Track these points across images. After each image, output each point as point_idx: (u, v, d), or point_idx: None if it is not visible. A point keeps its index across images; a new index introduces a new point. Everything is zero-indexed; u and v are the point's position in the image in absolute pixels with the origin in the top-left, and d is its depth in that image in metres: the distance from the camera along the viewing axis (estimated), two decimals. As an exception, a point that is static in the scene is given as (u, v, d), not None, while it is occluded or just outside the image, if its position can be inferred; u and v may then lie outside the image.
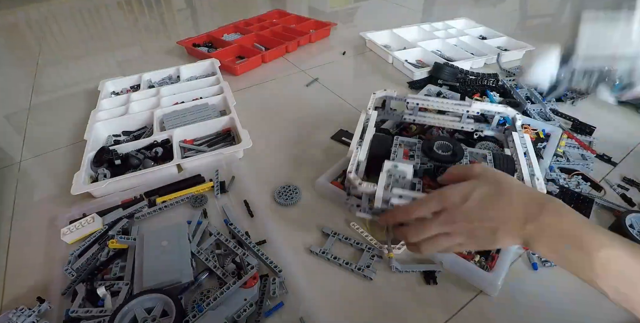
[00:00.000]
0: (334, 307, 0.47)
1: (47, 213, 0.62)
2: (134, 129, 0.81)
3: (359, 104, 0.88)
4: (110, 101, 0.88)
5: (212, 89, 0.90)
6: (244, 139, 0.70)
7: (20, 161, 0.77)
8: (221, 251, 0.53)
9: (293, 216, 0.60)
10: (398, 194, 0.45)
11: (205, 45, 1.20)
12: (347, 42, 1.21)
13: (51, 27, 1.60)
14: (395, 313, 0.47)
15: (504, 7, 1.61)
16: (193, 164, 0.68)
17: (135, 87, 0.98)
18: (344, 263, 0.51)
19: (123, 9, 1.79)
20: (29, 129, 0.88)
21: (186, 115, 0.79)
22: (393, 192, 0.45)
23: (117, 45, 1.37)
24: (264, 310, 0.46)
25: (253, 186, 0.64)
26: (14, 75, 1.21)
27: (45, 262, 0.55)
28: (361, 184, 0.48)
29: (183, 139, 0.75)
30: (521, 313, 0.46)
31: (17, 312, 0.45)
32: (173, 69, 1.01)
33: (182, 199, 0.62)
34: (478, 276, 0.48)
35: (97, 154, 0.69)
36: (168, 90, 0.91)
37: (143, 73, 0.98)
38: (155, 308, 0.43)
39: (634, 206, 0.60)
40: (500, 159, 0.56)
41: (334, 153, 0.73)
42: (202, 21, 1.61)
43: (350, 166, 0.51)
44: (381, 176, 0.48)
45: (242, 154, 0.72)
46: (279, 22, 1.29)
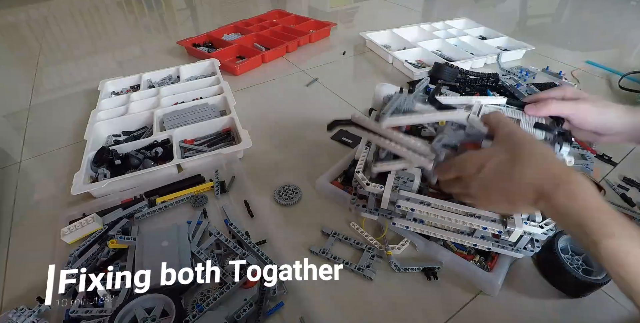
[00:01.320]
0: (333, 306, 0.47)
1: (47, 213, 0.62)
2: (134, 129, 0.81)
3: (358, 104, 0.88)
4: (111, 101, 0.88)
5: (212, 89, 0.90)
6: (244, 139, 0.70)
7: (20, 161, 0.77)
8: (221, 251, 0.53)
9: (293, 216, 0.60)
10: (405, 197, 0.45)
11: (205, 45, 1.19)
12: (347, 42, 1.21)
13: (51, 27, 1.60)
14: (395, 313, 0.47)
15: (504, 7, 1.61)
16: (193, 164, 0.68)
17: (136, 87, 0.98)
18: (344, 263, 0.51)
19: (123, 9, 1.79)
20: (29, 129, 0.88)
21: (186, 115, 0.79)
22: (400, 194, 0.45)
23: (117, 45, 1.37)
24: (264, 310, 0.46)
25: (253, 186, 0.64)
26: (14, 75, 1.21)
27: (45, 262, 0.54)
28: (369, 184, 0.47)
29: (183, 139, 0.75)
30: (521, 313, 0.46)
31: (17, 312, 0.45)
32: (173, 69, 1.01)
33: (182, 199, 0.62)
34: (478, 276, 0.48)
35: (97, 154, 0.69)
36: (168, 90, 0.91)
37: (143, 73, 0.98)
38: (155, 308, 0.43)
39: (634, 206, 0.60)
40: None
41: (334, 153, 0.73)
42: (202, 21, 1.62)
43: (359, 166, 0.51)
44: (389, 178, 0.47)
45: (242, 155, 0.72)
46: (279, 22, 1.29)
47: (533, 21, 1.43)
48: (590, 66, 1.01)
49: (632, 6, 1.46)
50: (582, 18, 1.39)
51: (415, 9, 1.59)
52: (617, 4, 1.49)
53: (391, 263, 0.51)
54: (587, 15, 1.40)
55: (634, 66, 0.95)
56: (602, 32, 1.22)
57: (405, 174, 0.47)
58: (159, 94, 0.88)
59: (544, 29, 1.34)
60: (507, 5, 1.63)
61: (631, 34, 1.22)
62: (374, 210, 0.51)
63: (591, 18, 1.37)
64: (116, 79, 0.97)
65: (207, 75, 1.01)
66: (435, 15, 1.53)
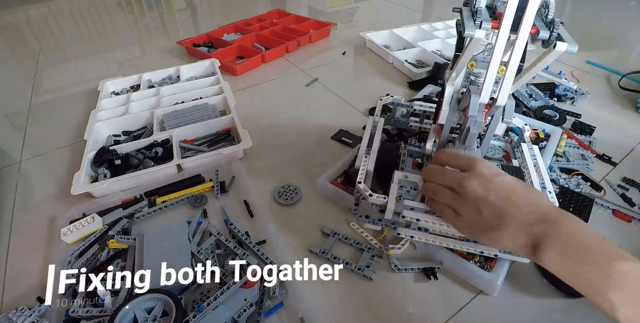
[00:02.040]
0: (333, 306, 0.47)
1: (47, 213, 0.62)
2: (134, 129, 0.81)
3: (358, 104, 0.88)
4: (110, 101, 0.88)
5: (212, 89, 0.90)
6: (244, 139, 0.70)
7: (20, 161, 0.77)
8: (221, 251, 0.53)
9: (293, 216, 0.60)
10: (410, 207, 0.45)
11: (205, 45, 1.20)
12: (347, 42, 1.21)
13: (51, 27, 1.60)
14: (395, 313, 0.47)
15: (503, 6, 1.61)
16: (193, 164, 0.68)
17: (136, 87, 0.98)
18: (344, 263, 0.51)
19: (123, 9, 1.80)
20: (29, 129, 0.88)
21: (186, 115, 0.79)
22: (405, 203, 0.45)
23: (117, 45, 1.37)
24: (264, 310, 0.46)
25: (253, 186, 0.64)
26: (14, 75, 1.21)
27: (45, 262, 0.55)
28: (372, 195, 0.47)
29: (183, 139, 0.75)
30: (521, 313, 0.46)
31: (17, 312, 0.45)
32: (173, 69, 1.01)
33: (182, 200, 0.62)
34: (478, 276, 0.48)
35: (97, 154, 0.69)
36: (168, 90, 0.91)
37: (143, 73, 0.98)
38: (156, 308, 0.43)
39: (634, 206, 0.60)
40: (509, 170, 0.53)
41: (334, 152, 0.73)
42: (202, 21, 1.62)
43: (360, 177, 0.50)
44: (392, 188, 0.47)
45: (243, 154, 0.72)
46: (279, 22, 1.29)
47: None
48: (590, 66, 1.01)
49: (632, 6, 1.46)
50: (582, 18, 1.39)
51: (415, 9, 1.59)
52: (617, 4, 1.50)
53: (391, 263, 0.51)
54: (587, 15, 1.40)
55: (634, 66, 0.95)
56: (602, 32, 1.23)
57: (408, 183, 0.47)
58: (159, 94, 0.88)
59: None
60: (507, 5, 1.63)
61: (631, 34, 1.22)
62: (377, 221, 0.51)
63: (591, 18, 1.37)
64: (116, 79, 0.97)
65: (207, 75, 1.01)
66: (435, 15, 1.53)
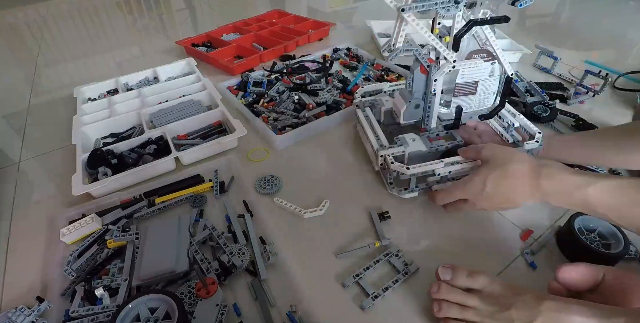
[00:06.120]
0: (333, 306, 0.47)
1: (46, 214, 0.62)
2: (122, 130, 0.81)
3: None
4: (93, 105, 0.87)
5: (195, 87, 0.91)
6: (238, 127, 0.71)
7: (20, 161, 0.77)
8: (214, 243, 0.54)
9: (293, 216, 0.60)
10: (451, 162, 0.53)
11: (204, 45, 1.20)
12: (346, 42, 1.21)
13: (50, 27, 1.60)
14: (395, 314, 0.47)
15: (503, 6, 1.61)
16: (193, 156, 0.69)
17: (112, 91, 0.97)
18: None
19: (122, 9, 1.80)
20: (28, 129, 0.88)
21: (174, 112, 0.80)
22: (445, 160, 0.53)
23: (116, 45, 1.37)
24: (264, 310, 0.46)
25: (253, 186, 0.64)
26: (13, 75, 1.21)
27: (45, 262, 0.55)
28: (409, 168, 0.52)
29: (176, 135, 0.75)
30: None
31: (16, 312, 0.45)
32: (149, 71, 1.01)
33: (182, 200, 0.62)
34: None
35: (90, 158, 0.68)
36: (150, 91, 0.91)
37: (119, 77, 0.98)
38: (159, 309, 0.43)
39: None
40: None
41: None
42: (201, 21, 1.62)
43: (390, 158, 0.55)
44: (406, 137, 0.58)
45: (237, 144, 0.74)
46: (277, 22, 1.29)
47: (532, 21, 1.43)
48: (589, 65, 1.01)
49: (630, 6, 1.46)
50: (581, 18, 1.39)
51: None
52: (615, 3, 1.50)
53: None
54: (586, 15, 1.40)
55: (633, 65, 0.95)
56: (601, 32, 1.23)
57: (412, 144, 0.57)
58: (141, 95, 0.88)
59: (543, 28, 1.34)
60: (507, 5, 1.63)
61: (630, 34, 1.22)
62: (415, 188, 0.57)
63: (590, 18, 1.37)
64: (91, 85, 0.95)
65: (184, 74, 1.02)
66: (434, 15, 1.53)
